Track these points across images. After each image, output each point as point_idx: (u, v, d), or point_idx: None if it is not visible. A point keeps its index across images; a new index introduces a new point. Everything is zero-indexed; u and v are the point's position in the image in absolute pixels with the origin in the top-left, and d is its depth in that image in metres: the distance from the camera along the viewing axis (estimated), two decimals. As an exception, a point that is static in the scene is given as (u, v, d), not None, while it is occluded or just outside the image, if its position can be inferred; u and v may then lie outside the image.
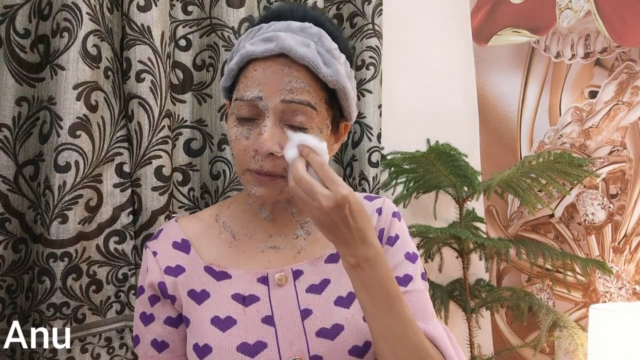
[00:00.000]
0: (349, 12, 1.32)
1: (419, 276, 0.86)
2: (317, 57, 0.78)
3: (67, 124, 0.98)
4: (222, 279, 0.82)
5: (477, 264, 1.58)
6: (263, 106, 0.76)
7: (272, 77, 0.77)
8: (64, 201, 0.98)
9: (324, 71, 0.78)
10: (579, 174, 1.36)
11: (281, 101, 0.76)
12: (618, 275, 1.48)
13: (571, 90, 1.60)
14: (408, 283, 0.84)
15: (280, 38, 0.77)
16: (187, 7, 1.17)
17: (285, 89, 0.76)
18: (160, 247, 0.86)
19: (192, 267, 0.84)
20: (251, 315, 0.79)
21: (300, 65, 0.77)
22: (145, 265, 0.85)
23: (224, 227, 0.87)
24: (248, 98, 0.77)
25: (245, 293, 0.81)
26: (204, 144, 1.18)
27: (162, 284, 0.82)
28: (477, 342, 1.47)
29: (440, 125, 1.66)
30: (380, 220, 0.88)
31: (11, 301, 1.01)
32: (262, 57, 0.78)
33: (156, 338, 0.83)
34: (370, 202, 0.90)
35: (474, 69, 1.80)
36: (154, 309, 0.84)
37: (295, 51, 0.76)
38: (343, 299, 0.82)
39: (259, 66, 0.78)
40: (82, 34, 0.99)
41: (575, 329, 1.35)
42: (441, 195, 1.58)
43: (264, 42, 0.78)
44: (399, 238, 0.87)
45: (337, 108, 0.83)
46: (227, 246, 0.86)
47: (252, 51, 0.78)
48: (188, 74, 1.16)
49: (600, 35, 1.54)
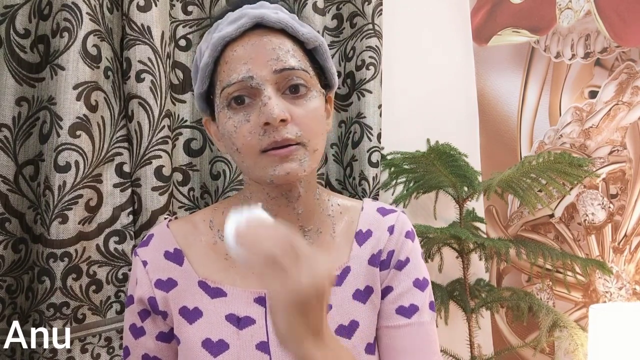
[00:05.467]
0: (349, 12, 1.32)
1: (427, 306, 0.81)
2: (290, 19, 0.75)
3: (67, 124, 0.98)
4: (216, 297, 0.77)
5: (477, 264, 1.58)
6: (257, 84, 0.72)
7: (254, 50, 0.73)
8: (64, 201, 0.97)
9: (301, 30, 0.75)
10: (579, 174, 1.36)
11: (272, 72, 0.72)
12: (618, 275, 1.48)
13: (571, 90, 1.60)
14: (413, 314, 0.79)
15: (249, 12, 0.74)
16: (187, 7, 1.17)
17: (272, 59, 0.72)
18: (150, 256, 0.80)
19: (185, 281, 0.78)
20: (245, 340, 0.75)
21: (277, 31, 0.75)
22: (135, 275, 0.80)
23: (218, 235, 0.81)
24: (237, 80, 0.72)
25: (241, 314, 0.76)
26: (204, 144, 1.18)
27: (153, 300, 0.78)
28: (477, 342, 1.47)
29: (440, 125, 1.66)
30: (391, 240, 0.83)
31: (11, 301, 1.01)
32: (237, 36, 0.74)
33: (147, 353, 0.80)
34: (383, 216, 0.85)
35: (474, 69, 1.80)
36: (145, 324, 0.79)
37: (269, 17, 0.74)
38: (344, 327, 0.77)
39: (237, 45, 0.74)
40: (82, 34, 0.99)
41: (575, 329, 1.34)
42: (441, 195, 1.58)
43: (233, 22, 0.75)
44: (409, 262, 0.82)
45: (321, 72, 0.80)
46: (222, 258, 0.79)
47: (224, 34, 0.74)
48: (188, 74, 1.16)
49: (600, 35, 1.54)
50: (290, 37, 0.76)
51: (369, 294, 0.81)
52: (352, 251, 0.82)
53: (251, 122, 0.72)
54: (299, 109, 0.73)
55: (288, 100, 0.73)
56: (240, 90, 0.73)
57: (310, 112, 0.74)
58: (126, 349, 0.81)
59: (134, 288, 0.80)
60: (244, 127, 0.72)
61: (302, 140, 0.72)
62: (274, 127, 0.71)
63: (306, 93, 0.74)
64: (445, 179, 1.44)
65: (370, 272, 0.81)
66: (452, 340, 1.47)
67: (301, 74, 0.74)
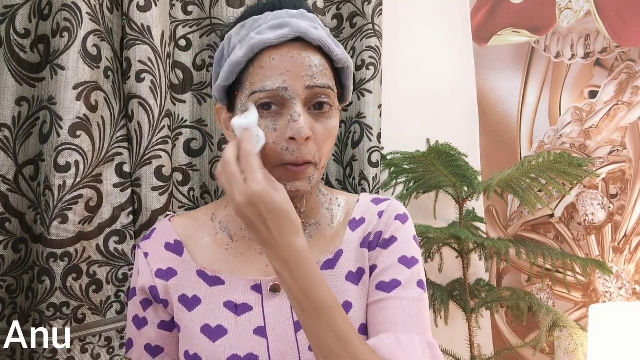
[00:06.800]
0: (349, 12, 1.32)
1: (414, 283, 0.80)
2: (327, 38, 0.77)
3: (67, 124, 0.98)
4: (214, 285, 0.80)
5: (477, 264, 1.58)
6: (290, 96, 0.74)
7: (292, 63, 0.75)
8: (64, 201, 0.97)
9: (336, 51, 0.78)
10: (579, 174, 1.36)
11: (305, 87, 0.74)
12: (618, 275, 1.48)
13: (571, 90, 1.60)
14: (394, 289, 0.78)
15: (292, 23, 0.76)
16: (187, 7, 1.17)
17: (307, 75, 0.75)
18: (152, 248, 0.83)
19: (185, 270, 0.81)
20: (243, 325, 0.77)
21: (315, 47, 0.77)
22: (137, 267, 0.83)
23: (220, 227, 0.84)
24: (272, 88, 0.74)
25: (238, 301, 0.78)
26: (204, 144, 1.18)
27: (154, 288, 0.80)
28: (477, 342, 1.47)
29: (440, 125, 1.66)
30: (380, 223, 0.85)
31: (11, 301, 1.01)
32: (277, 44, 0.75)
33: (150, 342, 0.81)
34: (376, 205, 0.87)
35: (474, 69, 1.80)
36: (147, 313, 0.82)
37: (311, 33, 0.76)
38: None
39: (276, 54, 0.75)
40: (82, 34, 0.99)
41: (575, 329, 1.35)
42: (441, 195, 1.58)
43: (275, 29, 0.76)
44: (396, 240, 0.83)
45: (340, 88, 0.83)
46: (223, 249, 0.83)
47: (265, 39, 0.75)
48: (188, 74, 1.16)
49: (600, 35, 1.54)
50: (324, 54, 0.78)
51: (361, 275, 0.83)
52: (345, 235, 0.85)
53: (277, 132, 0.75)
54: (320, 126, 0.77)
55: (312, 116, 0.76)
56: (271, 98, 0.75)
57: (329, 130, 0.78)
58: (129, 341, 0.84)
59: (136, 279, 0.83)
60: (271, 134, 0.75)
61: (316, 160, 0.76)
62: (299, 143, 0.74)
63: (329, 111, 0.78)
64: (445, 179, 1.44)
65: (361, 254, 0.84)
66: (452, 340, 1.47)
67: (328, 92, 0.77)
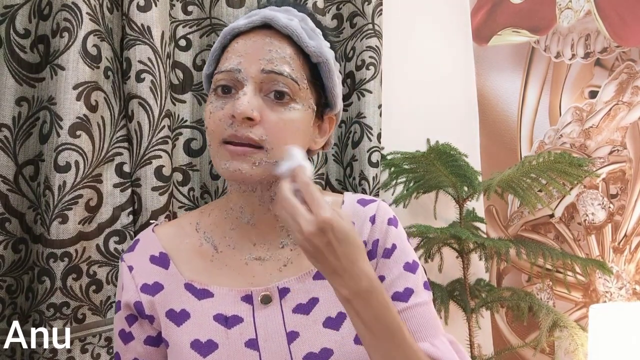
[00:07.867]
0: (349, 12, 1.32)
1: (421, 286, 0.81)
2: (300, 29, 0.77)
3: (67, 124, 0.98)
4: (203, 298, 0.77)
5: (477, 264, 1.58)
6: (242, 78, 0.74)
7: (252, 47, 0.75)
8: (64, 201, 0.97)
9: (307, 42, 0.76)
10: (579, 174, 1.36)
11: (260, 71, 0.74)
12: (618, 275, 1.48)
13: (571, 90, 1.60)
14: (409, 297, 0.78)
15: (265, 12, 0.77)
16: (187, 7, 1.17)
17: (265, 59, 0.74)
18: (136, 261, 0.81)
19: (172, 284, 0.79)
20: (234, 338, 0.75)
21: (283, 36, 0.76)
22: (121, 280, 0.81)
23: (204, 237, 0.82)
24: (227, 69, 0.75)
25: (228, 313, 0.76)
26: (204, 144, 1.18)
27: (139, 304, 0.78)
28: (477, 342, 1.47)
29: (440, 125, 1.66)
30: (374, 230, 0.82)
31: (11, 301, 1.01)
32: (245, 30, 0.77)
33: (137, 357, 0.80)
34: (363, 207, 0.85)
35: (474, 69, 1.80)
36: (133, 328, 0.80)
37: (278, 19, 0.76)
38: (332, 319, 0.77)
39: (241, 39, 0.77)
40: (82, 34, 0.99)
41: (575, 329, 1.35)
42: (441, 195, 1.58)
43: (248, 17, 0.78)
44: (396, 248, 0.81)
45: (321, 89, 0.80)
46: (208, 260, 0.80)
47: (234, 26, 0.78)
48: (188, 74, 1.16)
49: (600, 35, 1.54)
50: (296, 46, 0.77)
51: None
52: None
53: (224, 111, 0.74)
54: (273, 114, 0.74)
55: (268, 103, 0.74)
56: (227, 80, 0.75)
57: (285, 121, 0.74)
58: (117, 355, 0.82)
59: (121, 293, 0.80)
60: (217, 113, 0.74)
61: (265, 145, 0.73)
62: (239, 122, 0.72)
63: (288, 102, 0.75)
64: (445, 179, 1.44)
65: None
66: (452, 340, 1.47)
67: (289, 82, 0.75)
